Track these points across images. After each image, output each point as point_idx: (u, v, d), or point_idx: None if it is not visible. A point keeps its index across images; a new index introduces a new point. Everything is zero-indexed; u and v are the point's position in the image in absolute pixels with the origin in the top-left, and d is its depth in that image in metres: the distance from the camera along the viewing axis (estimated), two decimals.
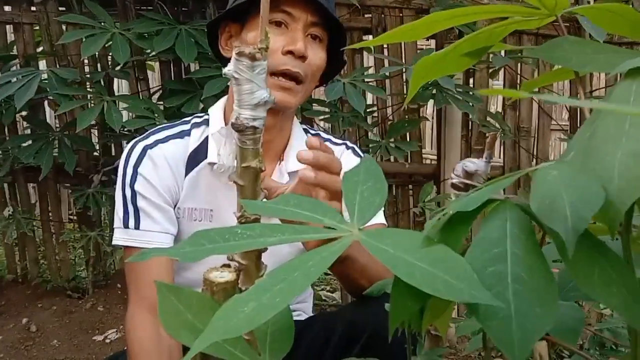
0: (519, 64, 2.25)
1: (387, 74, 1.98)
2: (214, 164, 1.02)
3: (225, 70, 0.55)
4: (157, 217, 1.02)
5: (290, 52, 0.97)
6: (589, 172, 0.34)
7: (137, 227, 1.01)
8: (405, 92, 2.18)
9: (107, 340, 2.09)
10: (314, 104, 2.08)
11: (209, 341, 0.31)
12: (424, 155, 2.40)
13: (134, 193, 1.02)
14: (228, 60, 1.03)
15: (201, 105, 1.89)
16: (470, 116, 2.15)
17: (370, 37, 2.23)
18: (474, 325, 0.87)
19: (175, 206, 1.04)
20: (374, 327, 0.87)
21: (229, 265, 0.50)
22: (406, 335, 0.61)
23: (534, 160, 2.32)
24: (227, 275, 0.46)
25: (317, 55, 1.02)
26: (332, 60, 1.07)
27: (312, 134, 1.17)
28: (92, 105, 1.86)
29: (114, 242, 1.03)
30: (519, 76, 2.27)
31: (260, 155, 0.58)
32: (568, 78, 0.58)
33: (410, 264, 0.34)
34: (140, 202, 1.02)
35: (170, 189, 1.04)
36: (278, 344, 0.43)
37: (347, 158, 1.13)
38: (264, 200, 0.58)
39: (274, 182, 0.83)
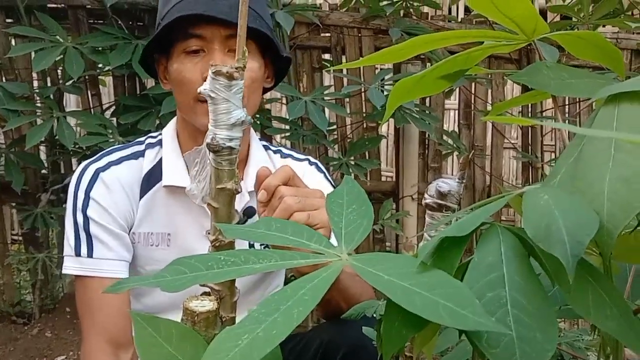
0: (472, 84, 2.32)
1: (348, 92, 1.99)
2: (170, 186, 0.99)
3: (200, 89, 0.53)
4: (111, 244, 0.97)
5: None
6: (579, 196, 0.35)
7: (90, 255, 0.96)
8: (364, 110, 2.21)
9: None
10: (274, 122, 2.07)
11: None
12: (382, 173, 2.42)
13: (86, 219, 0.97)
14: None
15: (157, 122, 1.85)
16: (428, 134, 2.20)
17: (328, 55, 2.24)
18: (444, 344, 0.88)
19: (130, 231, 1.00)
20: (348, 346, 0.85)
21: (208, 293, 0.48)
22: (378, 356, 0.60)
23: (489, 178, 2.38)
24: (209, 304, 0.44)
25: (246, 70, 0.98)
26: (275, 61, 1.04)
27: (273, 151, 1.15)
28: (42, 121, 1.78)
29: (64, 271, 0.98)
30: (473, 96, 2.34)
31: (236, 176, 0.56)
32: (539, 100, 0.60)
33: (408, 290, 0.33)
34: (93, 229, 0.97)
35: (124, 214, 0.99)
36: None
37: (311, 174, 1.11)
38: (242, 221, 0.56)
39: (276, 180, 0.78)
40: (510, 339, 0.30)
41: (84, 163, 1.02)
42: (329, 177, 1.15)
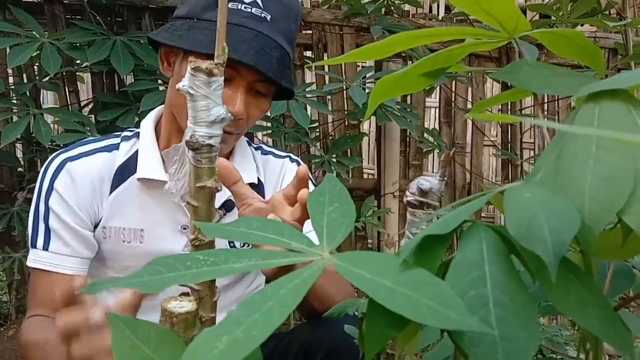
0: (453, 82, 2.34)
1: (330, 90, 1.99)
2: (144, 179, 0.97)
3: (179, 85, 0.52)
4: (69, 240, 0.95)
5: None
6: (560, 194, 0.35)
7: (45, 248, 0.94)
8: (346, 108, 2.20)
9: None
10: None
11: None
12: (363, 170, 2.43)
13: (47, 209, 0.95)
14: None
15: (137, 119, 1.82)
16: (409, 132, 2.20)
17: (310, 52, 2.24)
18: (425, 341, 0.88)
19: (98, 225, 0.97)
20: (329, 346, 0.85)
21: (187, 294, 0.47)
22: (360, 354, 0.60)
23: (469, 175, 2.40)
24: (188, 305, 0.43)
25: (257, 109, 0.98)
26: (280, 91, 1.03)
27: (255, 147, 1.14)
28: (18, 118, 1.74)
29: (28, 264, 0.96)
30: (453, 94, 2.36)
31: (216, 175, 0.55)
32: (520, 98, 0.60)
33: (390, 289, 0.32)
34: (52, 222, 0.95)
35: (88, 209, 0.97)
36: None
37: (292, 171, 1.11)
38: (223, 220, 0.55)
39: (246, 189, 0.77)
40: (493, 337, 0.30)
41: (57, 152, 1.00)
42: (310, 175, 1.15)
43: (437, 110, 2.60)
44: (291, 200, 0.74)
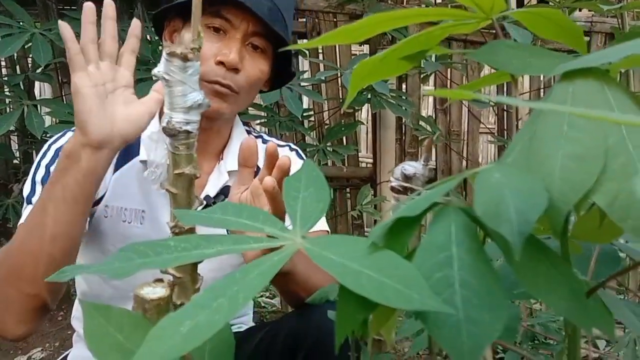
0: (449, 70, 2.32)
1: (323, 78, 1.98)
2: (146, 161, 0.97)
3: (154, 71, 0.52)
4: None
5: (222, 63, 0.92)
6: (531, 174, 0.34)
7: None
8: (341, 96, 2.19)
9: None
10: (250, 108, 2.05)
11: None
12: (360, 159, 2.42)
13: (47, 173, 0.93)
14: None
15: None
16: (404, 120, 2.19)
17: (305, 40, 2.22)
18: (414, 327, 0.88)
19: (99, 202, 0.97)
20: (316, 336, 0.85)
21: (161, 280, 0.47)
22: (349, 342, 0.60)
23: (465, 163, 2.40)
24: (160, 291, 0.43)
25: (255, 67, 0.97)
26: (280, 71, 1.04)
27: (255, 136, 1.14)
28: (11, 110, 1.73)
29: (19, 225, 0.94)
30: (449, 81, 2.34)
31: (195, 161, 0.55)
32: (500, 82, 0.59)
33: (357, 272, 0.32)
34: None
35: None
36: None
37: (292, 160, 1.11)
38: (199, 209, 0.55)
39: (250, 180, 0.77)
40: (457, 319, 0.29)
41: (63, 132, 1.02)
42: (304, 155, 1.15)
43: (433, 97, 2.58)
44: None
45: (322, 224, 1.06)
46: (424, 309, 0.28)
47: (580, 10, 2.38)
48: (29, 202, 0.92)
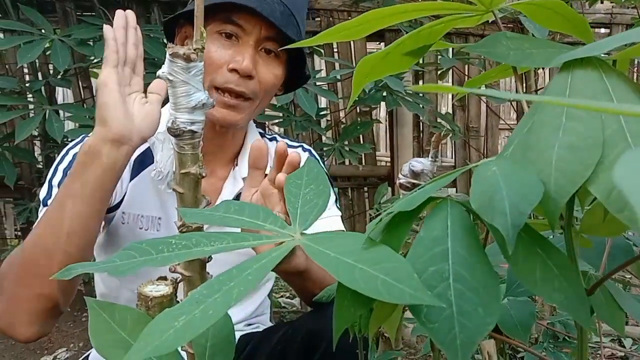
0: (466, 66, 2.30)
1: (339, 76, 1.97)
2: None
3: (159, 72, 0.53)
4: None
5: (235, 70, 0.92)
6: (528, 166, 0.34)
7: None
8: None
9: None
10: (266, 109, 2.06)
11: (137, 359, 0.28)
12: (379, 158, 2.42)
13: (64, 176, 0.95)
14: None
15: None
16: (421, 117, 2.18)
17: None
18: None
19: (116, 208, 0.98)
20: (332, 336, 0.85)
21: (165, 278, 0.47)
22: (357, 340, 0.60)
23: (484, 159, 2.37)
24: (163, 289, 0.43)
25: (269, 72, 0.97)
26: (295, 73, 1.04)
27: (269, 138, 1.15)
28: (33, 115, 1.77)
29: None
30: (466, 77, 2.32)
31: (200, 161, 0.55)
32: (505, 76, 0.58)
33: (351, 266, 0.32)
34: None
35: None
36: (219, 358, 0.41)
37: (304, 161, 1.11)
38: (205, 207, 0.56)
39: (260, 181, 0.76)
40: (450, 313, 0.29)
41: (80, 137, 1.03)
42: (322, 164, 1.15)
43: (451, 94, 2.56)
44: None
45: (334, 210, 1.05)
46: (414, 303, 0.28)
47: (602, 2, 2.34)
48: (45, 205, 0.94)
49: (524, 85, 2.31)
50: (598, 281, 0.39)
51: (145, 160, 1.00)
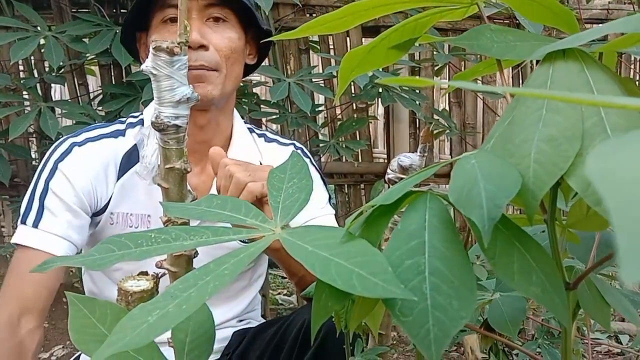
0: (462, 62, 2.29)
1: (335, 73, 1.97)
2: None
3: (143, 66, 0.52)
4: (62, 220, 0.93)
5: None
6: (507, 158, 0.33)
7: (35, 225, 0.92)
8: (352, 90, 2.18)
9: (53, 358, 2.00)
10: (262, 105, 2.05)
11: (107, 354, 0.28)
12: (376, 155, 2.41)
13: (45, 189, 0.94)
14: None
15: (142, 108, 1.84)
16: (417, 114, 2.17)
17: (316, 37, 2.21)
18: None
19: (102, 211, 0.98)
20: (329, 326, 0.85)
21: (146, 273, 0.47)
22: (344, 334, 0.59)
23: None
24: (144, 284, 0.43)
25: (222, 37, 0.96)
26: (258, 35, 1.03)
27: (258, 134, 1.14)
28: (27, 112, 1.77)
29: (12, 241, 0.95)
30: None
31: (185, 155, 0.55)
32: (492, 70, 0.58)
33: (327, 260, 0.32)
34: (48, 201, 0.93)
35: (90, 192, 0.96)
36: (197, 353, 0.40)
37: None
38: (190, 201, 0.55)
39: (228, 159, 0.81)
40: (424, 306, 0.29)
41: (63, 137, 1.00)
42: (314, 162, 1.14)
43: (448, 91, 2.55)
44: None
45: (327, 209, 1.05)
46: (386, 296, 0.28)
47: None
48: (24, 223, 0.93)
49: (521, 80, 2.31)
50: (581, 275, 0.39)
51: (132, 158, 0.99)
